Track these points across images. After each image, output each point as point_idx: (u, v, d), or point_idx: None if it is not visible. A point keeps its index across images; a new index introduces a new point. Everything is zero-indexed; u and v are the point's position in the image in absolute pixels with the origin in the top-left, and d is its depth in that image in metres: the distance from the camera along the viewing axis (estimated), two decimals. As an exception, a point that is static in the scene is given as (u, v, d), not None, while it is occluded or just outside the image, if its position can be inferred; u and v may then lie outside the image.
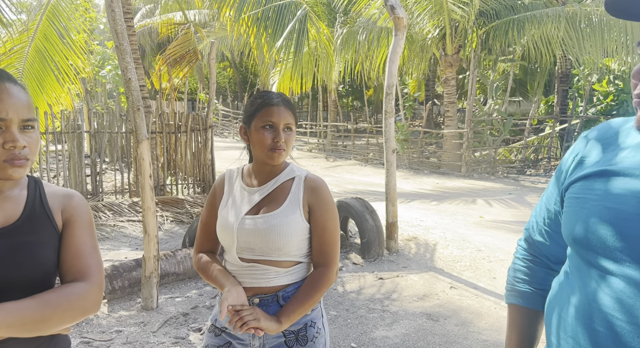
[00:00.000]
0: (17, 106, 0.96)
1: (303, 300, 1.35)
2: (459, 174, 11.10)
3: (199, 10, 17.51)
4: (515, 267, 1.12)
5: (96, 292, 1.04)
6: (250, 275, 1.38)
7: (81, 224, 1.09)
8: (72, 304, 0.98)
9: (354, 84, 21.73)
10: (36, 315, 0.92)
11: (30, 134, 0.99)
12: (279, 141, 1.36)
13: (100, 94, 17.32)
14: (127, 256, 4.69)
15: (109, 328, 3.20)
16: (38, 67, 6.84)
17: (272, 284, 1.37)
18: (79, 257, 1.05)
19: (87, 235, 1.09)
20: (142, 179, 3.35)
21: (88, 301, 1.01)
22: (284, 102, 1.40)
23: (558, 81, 12.61)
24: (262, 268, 1.37)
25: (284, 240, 1.35)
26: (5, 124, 0.95)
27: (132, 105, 3.30)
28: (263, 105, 1.39)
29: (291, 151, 1.45)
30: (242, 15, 6.19)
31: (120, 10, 3.19)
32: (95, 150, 6.81)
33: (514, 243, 1.14)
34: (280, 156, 1.38)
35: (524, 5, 10.74)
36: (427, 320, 3.43)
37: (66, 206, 1.09)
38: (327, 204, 1.41)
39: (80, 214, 1.10)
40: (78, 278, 1.03)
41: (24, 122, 0.97)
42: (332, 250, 1.40)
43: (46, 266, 1.02)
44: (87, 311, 1.02)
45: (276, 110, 1.37)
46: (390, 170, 5.03)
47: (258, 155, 1.41)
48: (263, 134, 1.37)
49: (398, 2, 4.77)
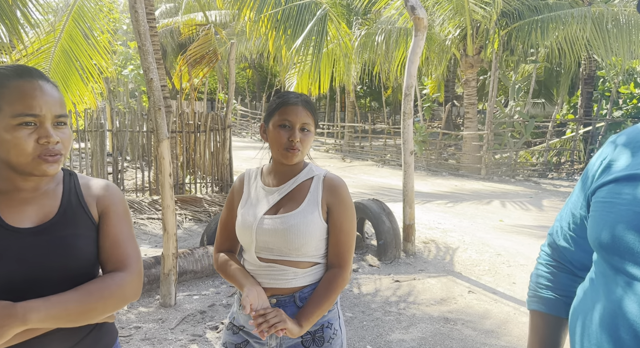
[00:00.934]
0: (51, 102, 0.99)
1: (320, 302, 1.34)
2: (478, 176, 10.95)
3: (219, 11, 17.70)
4: (538, 273, 1.10)
5: (136, 280, 1.07)
6: (268, 275, 1.38)
7: (117, 214, 1.11)
8: (112, 293, 1.01)
9: (372, 84, 21.65)
10: (79, 306, 0.96)
11: (63, 130, 1.01)
12: (293, 140, 1.35)
13: (122, 93, 17.67)
14: (147, 253, 4.77)
15: (129, 324, 3.26)
16: (63, 67, 7.02)
17: (290, 285, 1.37)
18: (117, 247, 1.08)
19: (124, 225, 1.11)
20: (162, 177, 3.40)
21: (128, 289, 1.05)
22: (303, 103, 1.39)
23: (582, 83, 12.32)
24: (280, 269, 1.37)
25: (303, 240, 1.34)
26: (39, 120, 0.97)
27: (153, 105, 3.35)
28: (281, 104, 1.39)
29: (308, 152, 1.43)
30: (262, 16, 6.22)
31: (143, 12, 3.25)
32: (117, 148, 6.94)
33: (535, 247, 1.12)
34: (295, 156, 1.37)
35: (548, 6, 10.52)
36: (444, 324, 3.38)
37: (101, 198, 1.11)
38: (345, 204, 1.40)
39: (115, 204, 1.12)
40: (118, 268, 1.06)
41: (57, 118, 1.00)
42: (347, 251, 1.40)
43: (86, 258, 1.05)
44: (128, 299, 1.05)
45: (294, 109, 1.37)
46: (408, 172, 4.99)
47: (274, 154, 1.41)
48: (279, 133, 1.37)
49: (418, 2, 4.73)
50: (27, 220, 1.01)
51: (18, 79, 0.97)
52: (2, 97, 0.95)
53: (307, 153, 1.44)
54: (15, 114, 0.94)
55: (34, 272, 0.97)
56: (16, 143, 0.95)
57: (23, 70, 0.99)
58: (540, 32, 9.81)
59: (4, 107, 0.95)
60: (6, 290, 0.94)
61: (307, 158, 1.52)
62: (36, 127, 0.97)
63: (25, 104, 0.95)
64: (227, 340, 1.48)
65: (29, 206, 1.03)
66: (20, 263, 0.96)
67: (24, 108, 0.95)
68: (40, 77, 1.00)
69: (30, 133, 0.96)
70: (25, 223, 1.01)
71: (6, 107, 0.95)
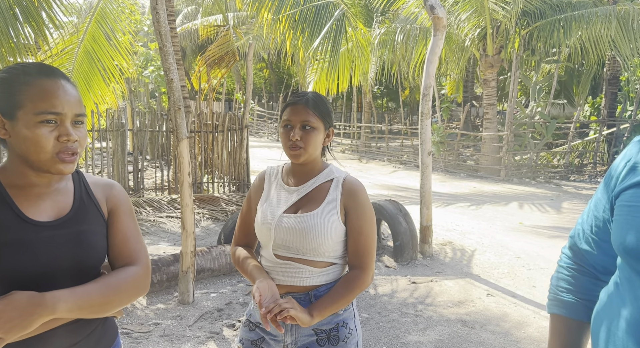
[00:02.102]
0: (72, 101, 1.01)
1: (335, 298, 1.34)
2: (497, 178, 10.78)
3: (237, 12, 17.85)
4: (559, 276, 1.08)
5: (146, 274, 1.11)
6: (283, 273, 1.39)
7: (125, 211, 1.15)
8: (128, 286, 1.06)
9: (389, 85, 21.52)
10: (102, 298, 1.00)
11: (80, 128, 1.04)
12: (292, 138, 1.36)
13: (142, 93, 17.97)
14: (166, 251, 4.84)
15: (147, 321, 3.31)
16: (86, 68, 7.17)
17: (305, 283, 1.38)
18: (127, 243, 1.12)
19: (131, 222, 1.15)
20: (181, 176, 3.45)
21: (140, 283, 1.09)
22: (306, 101, 1.39)
23: (606, 83, 12.02)
24: (296, 267, 1.38)
25: (320, 241, 1.35)
26: (60, 119, 1.00)
27: (173, 105, 3.40)
28: (286, 105, 1.42)
29: (316, 150, 1.41)
30: (279, 16, 6.25)
31: (164, 13, 3.30)
32: (137, 148, 7.06)
33: (556, 251, 1.10)
34: (300, 155, 1.38)
35: (571, 5, 10.29)
36: (462, 326, 3.34)
37: (110, 196, 1.15)
38: (363, 207, 1.40)
39: (122, 203, 1.16)
40: (129, 263, 1.10)
41: (76, 117, 1.02)
42: (368, 254, 1.39)
43: (98, 253, 1.08)
44: (140, 292, 1.09)
45: (294, 108, 1.39)
46: (426, 173, 4.94)
47: (286, 154, 1.44)
48: (283, 134, 1.41)
49: (438, 1, 4.69)
50: (44, 214, 1.04)
51: (42, 78, 0.99)
52: (26, 95, 0.97)
53: (318, 151, 1.43)
54: (37, 111, 0.97)
55: (48, 265, 1.00)
56: (37, 140, 0.97)
57: (46, 69, 1.02)
58: (563, 32, 9.61)
59: (26, 104, 0.97)
60: (18, 281, 0.96)
61: (330, 158, 1.53)
62: (56, 125, 0.99)
63: (48, 102, 0.97)
64: (243, 337, 1.50)
65: (45, 201, 1.05)
66: (35, 256, 0.99)
67: (47, 106, 0.97)
68: (62, 76, 1.02)
69: (51, 131, 0.98)
70: (43, 217, 1.03)
71: (29, 104, 0.97)
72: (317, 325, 1.38)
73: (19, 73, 0.99)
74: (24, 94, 0.97)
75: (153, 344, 2.99)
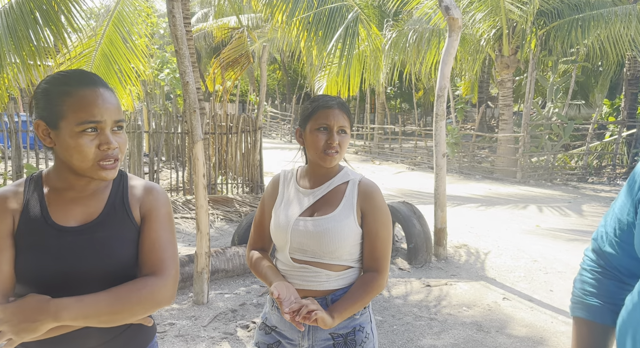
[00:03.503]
0: (111, 109, 1.03)
1: (354, 299, 1.34)
2: (513, 180, 10.63)
3: (250, 14, 17.96)
4: (583, 279, 1.06)
5: (170, 285, 1.07)
6: (301, 277, 1.39)
7: (158, 218, 1.12)
8: (141, 298, 1.02)
9: (402, 86, 21.41)
10: (109, 308, 0.98)
11: (120, 134, 1.06)
12: (332, 143, 1.36)
13: (158, 96, 18.19)
14: (181, 251, 4.88)
15: (163, 321, 3.35)
16: (103, 70, 7.29)
17: (323, 287, 1.37)
18: (154, 251, 1.09)
19: (164, 229, 1.12)
20: (196, 178, 3.48)
21: (160, 294, 1.05)
22: (339, 105, 1.40)
23: (626, 84, 11.77)
24: (313, 270, 1.37)
25: (337, 244, 1.35)
26: (101, 127, 1.02)
27: (188, 107, 3.43)
28: (318, 108, 1.40)
29: (344, 154, 1.43)
30: (294, 19, 6.28)
31: (180, 16, 3.33)
32: (153, 149, 7.16)
33: (574, 254, 1.08)
34: (334, 159, 1.39)
35: (589, 4, 10.11)
36: (477, 331, 3.30)
37: (145, 201, 1.13)
38: (380, 210, 1.40)
39: (157, 208, 1.13)
40: (153, 272, 1.07)
41: (115, 123, 1.04)
42: (384, 257, 1.39)
43: (121, 260, 1.07)
44: (160, 303, 1.05)
45: (331, 112, 1.38)
46: (440, 175, 4.90)
47: (312, 157, 1.42)
48: (317, 136, 1.38)
49: (453, 2, 4.65)
50: (72, 218, 1.06)
51: (82, 88, 1.01)
52: (67, 105, 1.00)
53: (344, 155, 1.45)
54: (79, 121, 0.99)
55: (69, 270, 1.01)
56: (79, 149, 1.00)
57: (86, 78, 1.04)
58: (581, 31, 9.44)
59: (69, 115, 1.00)
60: (40, 284, 0.98)
61: (342, 161, 1.53)
62: (97, 133, 1.01)
63: (88, 112, 1.00)
64: (259, 340, 1.49)
65: (76, 206, 1.07)
66: (56, 260, 1.00)
67: (88, 116, 1.00)
68: (101, 84, 1.04)
69: (92, 140, 1.01)
70: (70, 222, 1.05)
71: (71, 114, 0.99)
72: (334, 329, 1.38)
73: (60, 83, 1.02)
74: (66, 104, 1.00)
75: (168, 344, 3.02)
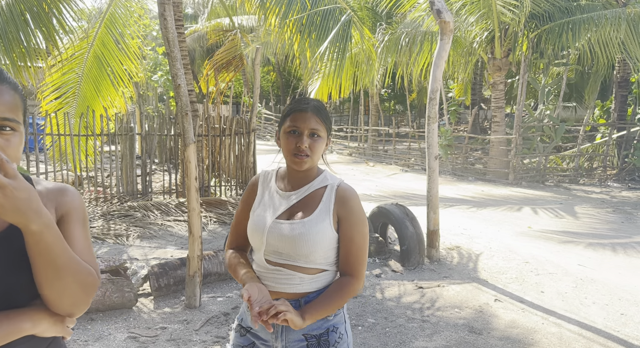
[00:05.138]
0: None
1: (327, 302, 1.36)
2: (506, 181, 10.70)
3: (244, 16, 17.94)
4: None
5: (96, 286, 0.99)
6: (274, 279, 1.39)
7: (75, 220, 1.03)
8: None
9: (395, 88, 21.49)
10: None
11: (7, 136, 0.90)
12: (301, 146, 1.36)
13: (151, 97, 18.11)
14: (173, 254, 4.86)
15: (155, 325, 3.33)
16: (95, 72, 7.26)
17: (296, 290, 1.38)
18: (83, 255, 0.99)
19: (82, 232, 1.03)
20: (189, 181, 3.47)
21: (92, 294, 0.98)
22: (313, 109, 1.39)
23: (616, 86, 11.90)
24: (287, 273, 1.38)
25: (311, 248, 1.36)
26: None
27: (180, 110, 3.43)
28: (291, 111, 1.41)
29: (319, 158, 1.43)
30: (287, 21, 6.29)
31: (172, 19, 3.33)
32: (146, 151, 7.12)
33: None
34: (303, 162, 1.38)
35: (580, 7, 10.21)
36: (469, 332, 3.32)
37: (60, 203, 1.02)
38: (356, 215, 1.40)
39: (74, 210, 1.03)
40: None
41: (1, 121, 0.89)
42: (358, 262, 1.40)
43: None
44: (73, 315, 0.98)
45: (302, 116, 1.38)
46: (433, 177, 4.93)
47: (286, 160, 1.44)
48: (288, 139, 1.39)
49: (445, 6, 4.69)
50: None
51: None
52: None
53: (320, 159, 1.45)
54: None
55: None
56: None
57: None
58: (572, 34, 9.54)
59: None
60: None
61: (323, 164, 1.53)
62: None
63: None
64: (235, 343, 1.50)
65: None
66: None
67: None
68: (6, 81, 0.92)
69: None
70: None
71: None
72: (308, 330, 1.39)
73: None
74: None
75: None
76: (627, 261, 5.03)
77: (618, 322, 3.54)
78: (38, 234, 0.86)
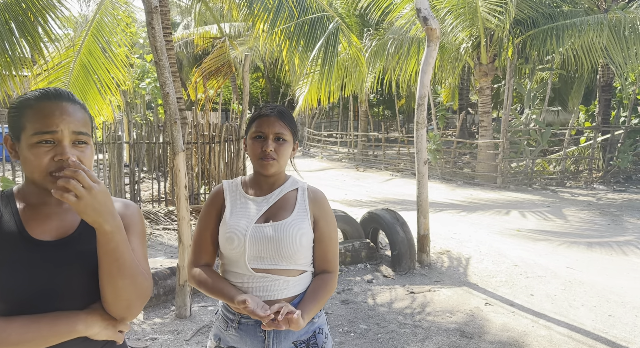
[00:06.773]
0: (69, 120, 1.02)
1: (317, 299, 1.38)
2: (494, 185, 10.81)
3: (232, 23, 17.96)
4: None
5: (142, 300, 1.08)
6: (261, 287, 1.38)
7: (135, 233, 1.13)
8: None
9: (384, 93, 21.63)
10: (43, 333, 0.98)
11: (82, 149, 1.03)
12: (266, 150, 1.39)
13: (139, 105, 17.98)
14: (163, 263, 4.80)
15: (144, 336, 3.29)
16: (82, 81, 7.19)
17: (283, 295, 1.39)
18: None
19: (139, 245, 1.13)
20: (178, 189, 3.45)
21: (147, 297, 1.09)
22: (277, 113, 1.43)
23: (600, 90, 12.13)
24: (272, 278, 1.38)
25: (295, 248, 1.38)
26: (57, 138, 1.00)
27: (169, 118, 3.41)
28: (256, 117, 1.45)
29: (287, 162, 1.46)
30: (275, 29, 6.31)
31: (159, 28, 3.32)
32: (134, 160, 7.06)
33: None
34: (270, 166, 1.40)
35: (563, 14, 10.42)
36: (460, 337, 3.33)
37: (123, 215, 1.12)
38: (330, 215, 1.48)
39: (134, 224, 1.14)
40: None
41: (76, 135, 1.02)
42: (336, 258, 1.48)
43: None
44: (126, 318, 1.07)
45: (266, 121, 1.41)
46: (422, 182, 4.96)
47: (253, 165, 1.46)
48: (253, 144, 1.42)
49: (431, 13, 4.75)
50: (47, 233, 1.04)
51: (44, 100, 1.02)
52: (27, 117, 1.01)
53: (287, 163, 1.47)
54: (34, 132, 0.99)
55: (46, 284, 1.00)
56: (33, 159, 0.99)
57: (51, 92, 1.04)
58: (556, 40, 9.71)
59: (27, 126, 1.00)
60: (18, 298, 0.97)
61: (292, 170, 1.55)
62: (54, 145, 1.00)
63: (43, 122, 0.99)
64: None
65: (52, 221, 1.06)
66: (33, 274, 0.99)
67: (42, 126, 0.99)
68: (68, 98, 1.04)
69: (48, 151, 0.99)
70: (46, 236, 1.04)
71: (29, 125, 1.00)
72: (297, 336, 1.41)
73: (26, 97, 1.03)
74: (25, 116, 1.01)
75: (150, 359, 2.96)
76: (614, 263, 5.10)
77: (606, 324, 3.58)
78: (110, 234, 0.97)
